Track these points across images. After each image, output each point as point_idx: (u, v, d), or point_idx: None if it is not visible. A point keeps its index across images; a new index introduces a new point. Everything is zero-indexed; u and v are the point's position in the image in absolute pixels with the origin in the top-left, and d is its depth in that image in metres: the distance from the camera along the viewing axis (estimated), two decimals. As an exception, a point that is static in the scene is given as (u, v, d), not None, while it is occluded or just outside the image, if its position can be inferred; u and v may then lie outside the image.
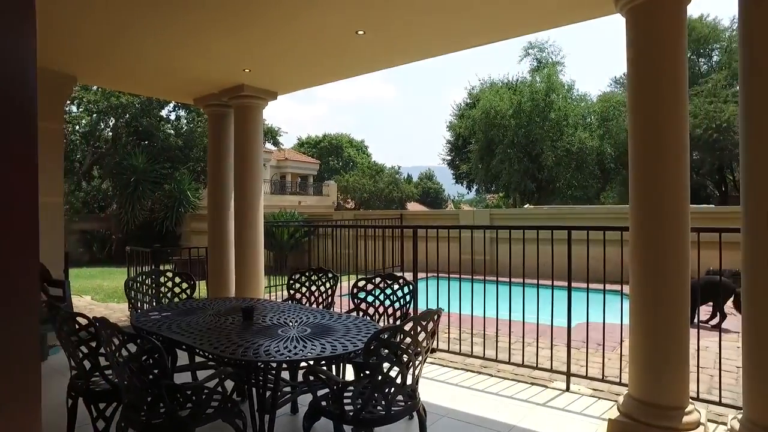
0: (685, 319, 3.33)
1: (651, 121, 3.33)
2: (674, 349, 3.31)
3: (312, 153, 50.03)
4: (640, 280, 3.41)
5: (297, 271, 4.49)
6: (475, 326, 6.36)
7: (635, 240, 3.45)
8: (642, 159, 3.39)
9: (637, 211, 3.44)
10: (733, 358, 5.09)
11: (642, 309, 3.41)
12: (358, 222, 13.40)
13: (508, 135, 22.63)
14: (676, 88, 3.28)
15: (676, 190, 3.29)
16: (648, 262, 3.36)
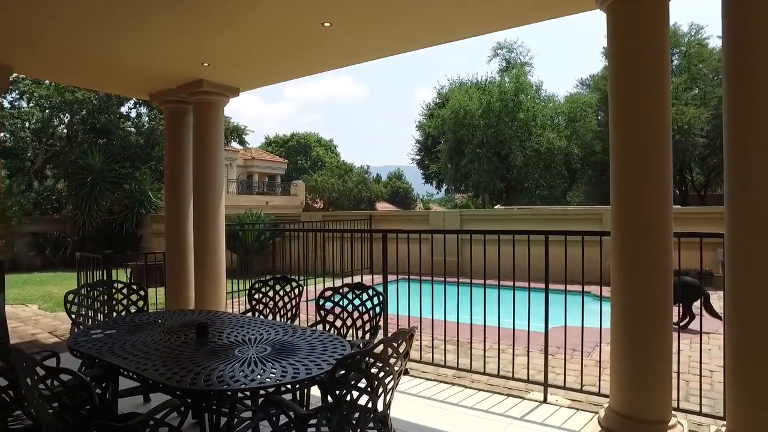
0: (669, 328, 3.20)
1: (633, 119, 3.17)
2: (657, 359, 3.17)
3: (280, 152, 49.25)
4: (622, 286, 3.26)
5: (259, 279, 4.18)
6: (448, 332, 6.16)
7: (617, 244, 3.29)
8: (624, 158, 3.23)
9: (618, 212, 3.28)
10: (705, 362, 5.04)
11: (623, 317, 3.25)
12: (327, 224, 13.08)
13: (478, 135, 22.67)
14: (659, 85, 3.14)
15: (659, 190, 3.15)
16: (630, 266, 3.21)
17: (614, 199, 3.29)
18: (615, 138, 3.29)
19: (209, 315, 3.68)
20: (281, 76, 5.68)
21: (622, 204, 3.26)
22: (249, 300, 4.04)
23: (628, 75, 3.21)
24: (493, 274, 4.34)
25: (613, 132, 3.30)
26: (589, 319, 4.21)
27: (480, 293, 4.64)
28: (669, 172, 3.18)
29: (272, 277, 4.14)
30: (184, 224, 6.08)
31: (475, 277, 4.68)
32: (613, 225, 3.33)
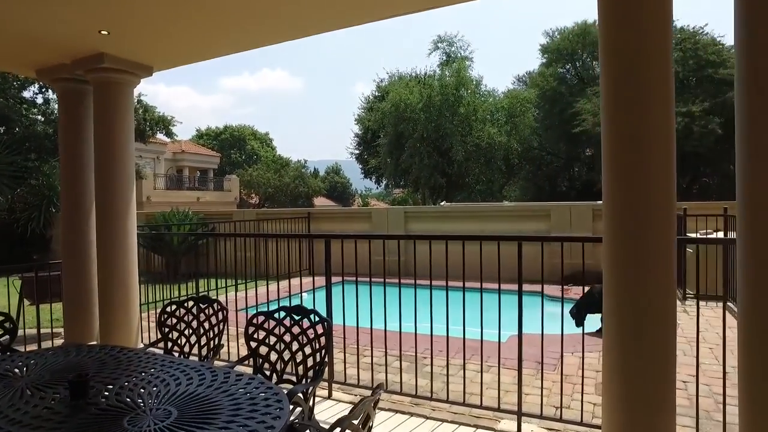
0: (673, 348, 2.72)
1: (633, 106, 2.66)
2: (661, 387, 2.68)
3: (212, 145, 46.91)
4: (619, 300, 2.74)
5: (172, 301, 3.34)
6: (396, 344, 5.56)
7: (613, 248, 2.77)
8: (620, 149, 2.71)
9: (614, 212, 2.76)
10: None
11: (621, 336, 2.74)
12: (261, 223, 12.12)
13: (418, 129, 22.29)
14: (662, 64, 2.63)
15: (663, 187, 2.65)
16: (630, 276, 2.70)
17: (613, 200, 2.76)
18: (612, 132, 2.76)
19: (100, 354, 2.82)
20: (203, 52, 4.79)
21: (623, 205, 2.73)
22: (159, 327, 3.20)
23: (625, 49, 2.69)
24: (452, 274, 3.76)
25: (609, 125, 2.77)
26: (551, 325, 3.75)
27: (439, 297, 4.04)
28: (673, 167, 2.68)
29: (189, 297, 3.32)
30: (85, 230, 5.06)
31: (433, 279, 4.04)
32: (607, 227, 2.81)
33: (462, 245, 3.75)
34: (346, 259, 4.16)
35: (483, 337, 4.32)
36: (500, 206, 11.24)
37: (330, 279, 4.35)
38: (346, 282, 4.24)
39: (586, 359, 5.32)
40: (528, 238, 3.75)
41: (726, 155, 20.01)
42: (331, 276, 4.34)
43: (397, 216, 11.28)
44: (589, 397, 4.16)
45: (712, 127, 18.05)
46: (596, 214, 9.46)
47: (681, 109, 18.58)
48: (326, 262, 4.30)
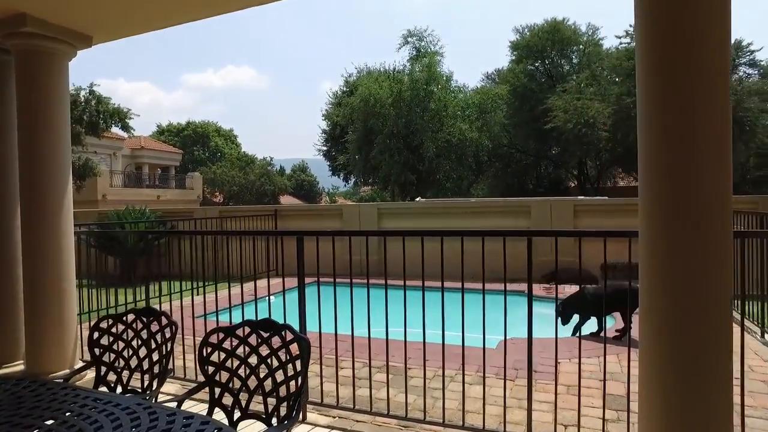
0: (729, 363, 2.24)
1: (684, 92, 2.16)
2: (718, 407, 2.21)
3: (174, 142, 45.20)
4: (664, 306, 2.26)
5: (107, 315, 2.67)
6: (376, 353, 5.00)
7: (654, 247, 2.28)
8: (667, 137, 2.21)
9: (660, 205, 2.26)
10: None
11: (668, 348, 2.25)
12: (225, 220, 11.34)
13: (388, 125, 21.76)
14: (721, 45, 2.15)
15: (718, 180, 2.17)
16: (677, 278, 2.21)
17: (660, 192, 2.26)
18: (651, 108, 2.26)
19: (17, 388, 2.13)
20: (145, 22, 4.10)
21: (674, 197, 2.23)
22: (90, 349, 2.54)
23: (671, 27, 2.18)
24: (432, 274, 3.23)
25: (647, 101, 2.28)
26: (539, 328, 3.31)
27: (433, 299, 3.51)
28: (729, 158, 2.20)
29: (130, 311, 2.66)
30: (8, 230, 4.28)
31: (416, 279, 3.48)
32: (647, 223, 2.32)
33: (461, 242, 3.22)
34: (317, 259, 3.57)
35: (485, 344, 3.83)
36: (479, 202, 10.83)
37: (303, 280, 3.75)
38: (321, 283, 3.65)
39: (583, 365, 4.91)
40: (538, 233, 3.21)
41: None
42: (304, 277, 3.75)
43: (369, 213, 10.70)
44: (599, 411, 3.71)
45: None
46: (577, 210, 9.13)
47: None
48: (299, 261, 3.70)
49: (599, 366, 4.62)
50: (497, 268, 3.18)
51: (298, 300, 3.75)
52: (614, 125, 19.91)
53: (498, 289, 3.24)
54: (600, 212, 9.14)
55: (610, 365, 4.64)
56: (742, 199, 8.51)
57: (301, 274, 3.74)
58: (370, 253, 3.41)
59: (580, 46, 25.83)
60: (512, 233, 3.16)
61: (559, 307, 5.85)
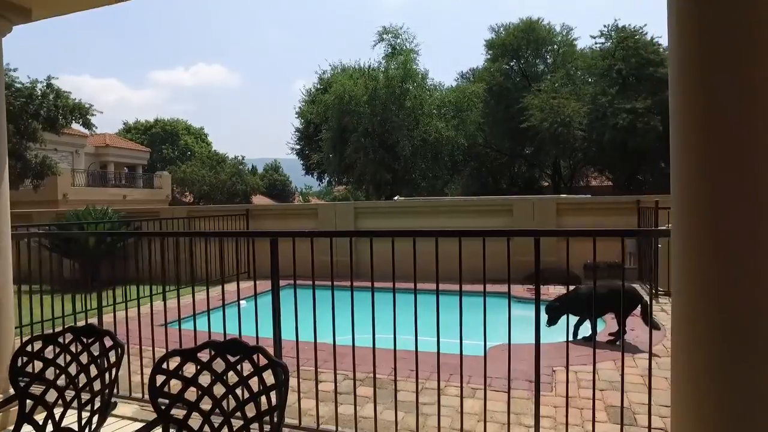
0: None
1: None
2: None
3: (142, 140, 43.70)
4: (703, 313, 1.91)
5: (37, 335, 2.19)
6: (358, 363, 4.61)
7: (694, 248, 1.93)
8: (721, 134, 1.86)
9: (701, 204, 1.92)
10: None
11: (714, 364, 1.90)
12: (194, 221, 10.73)
13: (363, 123, 21.34)
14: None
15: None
16: (725, 287, 1.86)
17: (700, 190, 1.91)
18: (705, 107, 1.91)
19: None
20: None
21: (720, 195, 1.87)
22: (11, 378, 2.05)
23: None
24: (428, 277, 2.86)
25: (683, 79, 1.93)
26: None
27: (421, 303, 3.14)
28: None
29: (66, 329, 2.19)
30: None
31: (404, 280, 3.09)
32: (685, 222, 1.97)
33: (458, 242, 2.84)
34: (293, 260, 3.15)
35: (473, 352, 3.51)
36: (460, 201, 10.53)
37: (278, 285, 3.32)
38: (297, 287, 3.24)
39: (579, 373, 4.61)
40: (546, 233, 2.87)
41: (664, 153, 20.50)
42: (279, 282, 3.32)
43: (346, 212, 10.28)
44: (605, 426, 3.39)
45: (654, 124, 18.33)
46: (560, 209, 8.90)
47: (626, 106, 18.76)
48: (272, 266, 3.27)
49: (597, 374, 4.32)
50: (475, 267, 2.86)
51: (272, 308, 3.32)
52: (590, 124, 19.97)
53: (494, 291, 2.91)
54: (583, 210, 8.94)
55: (608, 373, 4.36)
56: None
57: (275, 280, 3.31)
58: (345, 254, 3.02)
59: (554, 45, 25.93)
60: (492, 233, 2.82)
61: (551, 306, 5.57)
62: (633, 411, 3.73)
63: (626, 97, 19.16)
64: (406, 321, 3.05)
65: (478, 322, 3.01)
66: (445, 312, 3.02)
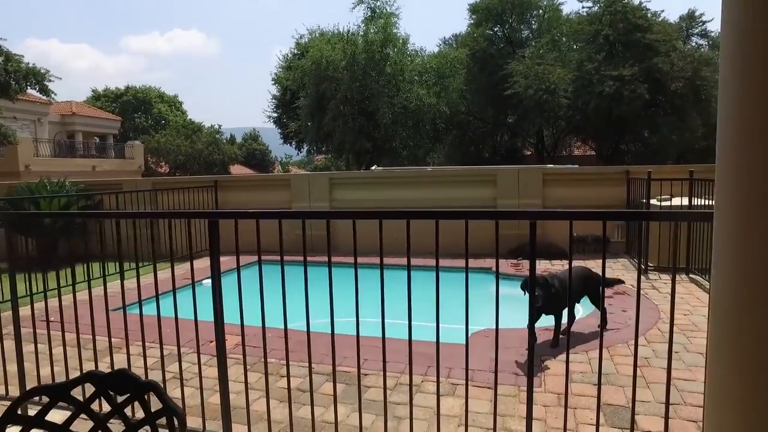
0: None
1: None
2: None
3: (113, 108, 41.93)
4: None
5: (43, 387, 1.56)
6: (323, 354, 4.13)
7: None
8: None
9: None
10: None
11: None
12: (158, 193, 10.06)
13: (342, 89, 20.49)
14: None
15: None
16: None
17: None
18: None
19: None
20: None
21: None
22: None
23: None
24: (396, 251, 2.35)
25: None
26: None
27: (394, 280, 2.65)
28: None
29: (86, 376, 1.55)
30: None
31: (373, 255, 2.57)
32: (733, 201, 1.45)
33: (435, 225, 2.32)
34: (266, 236, 2.61)
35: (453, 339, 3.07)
36: (441, 171, 9.98)
37: (218, 271, 2.80)
38: (265, 263, 2.69)
39: (570, 364, 4.14)
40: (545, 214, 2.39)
41: (648, 122, 20.08)
42: (219, 269, 2.79)
43: (320, 183, 9.69)
44: (604, 430, 2.98)
45: (640, 92, 17.83)
46: (546, 180, 8.43)
47: (612, 73, 18.21)
48: (211, 248, 2.73)
49: (590, 365, 3.90)
50: (457, 242, 2.36)
51: (213, 298, 2.79)
52: (575, 92, 19.42)
53: (475, 267, 2.41)
54: (571, 181, 8.50)
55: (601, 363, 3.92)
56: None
57: (215, 266, 2.78)
58: (320, 228, 2.49)
59: (540, 10, 25.11)
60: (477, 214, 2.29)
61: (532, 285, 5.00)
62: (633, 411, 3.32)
63: (613, 64, 18.58)
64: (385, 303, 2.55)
65: (456, 305, 2.52)
66: (422, 291, 2.55)
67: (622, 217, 2.36)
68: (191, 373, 3.82)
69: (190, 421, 3.06)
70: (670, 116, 19.60)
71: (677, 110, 19.70)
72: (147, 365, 3.16)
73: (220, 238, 2.75)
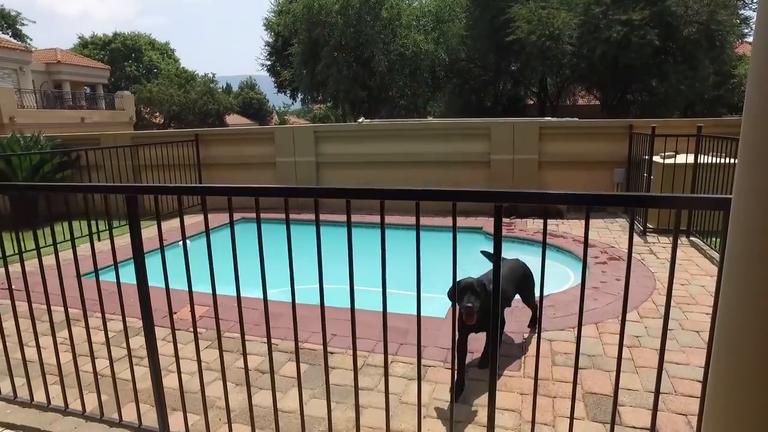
0: None
1: None
2: None
3: (101, 56, 40.49)
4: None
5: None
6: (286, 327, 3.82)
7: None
8: None
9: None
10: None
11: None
12: (138, 149, 9.62)
13: (335, 35, 19.49)
14: None
15: None
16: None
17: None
18: None
19: None
20: None
21: None
22: None
23: None
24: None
25: None
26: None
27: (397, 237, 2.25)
28: None
29: None
30: None
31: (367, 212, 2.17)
32: None
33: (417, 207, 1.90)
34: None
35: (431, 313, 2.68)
36: (431, 124, 9.42)
37: (141, 252, 2.39)
38: (246, 221, 2.30)
39: (555, 342, 3.78)
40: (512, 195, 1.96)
41: (657, 70, 19.13)
42: (142, 248, 2.40)
43: (305, 137, 9.18)
44: (581, 426, 2.66)
45: (650, 38, 16.81)
46: (543, 134, 7.91)
47: (621, 17, 17.14)
48: (131, 227, 2.32)
49: (575, 341, 3.54)
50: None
51: (137, 276, 2.41)
52: (580, 38, 18.39)
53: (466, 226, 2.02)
54: (569, 135, 7.97)
55: (589, 342, 3.57)
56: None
57: (137, 245, 2.38)
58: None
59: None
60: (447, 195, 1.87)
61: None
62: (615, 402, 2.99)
63: (622, 8, 17.45)
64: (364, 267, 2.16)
65: (444, 271, 2.09)
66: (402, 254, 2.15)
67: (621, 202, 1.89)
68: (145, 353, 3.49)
69: (128, 413, 2.76)
70: (680, 64, 18.63)
71: (688, 58, 18.71)
72: (109, 340, 2.82)
73: (138, 216, 2.34)
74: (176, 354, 2.49)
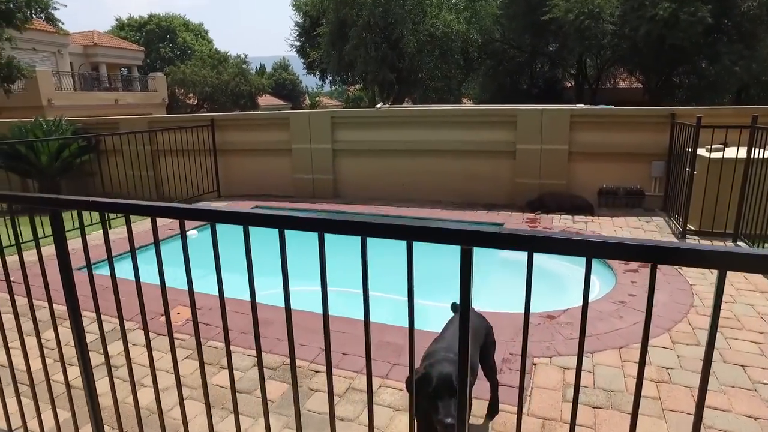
0: None
1: None
2: None
3: (137, 38, 41.03)
4: None
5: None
6: (277, 337, 3.48)
7: None
8: None
9: None
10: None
11: None
12: (153, 134, 9.48)
13: (363, 15, 18.89)
14: None
15: None
16: None
17: None
18: None
19: None
20: None
21: None
22: None
23: None
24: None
25: None
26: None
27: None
28: None
29: None
30: None
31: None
32: None
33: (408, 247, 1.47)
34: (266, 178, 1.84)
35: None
36: (452, 110, 8.85)
37: (69, 271, 2.05)
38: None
39: (567, 372, 3.31)
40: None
41: (708, 50, 17.76)
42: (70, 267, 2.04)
43: (322, 123, 8.77)
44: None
45: (701, 15, 15.49)
46: (574, 122, 7.27)
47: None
48: (57, 247, 1.97)
49: (593, 374, 3.07)
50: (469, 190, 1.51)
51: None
52: (622, 17, 17.20)
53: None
54: (603, 125, 7.29)
55: (607, 372, 3.08)
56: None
57: (64, 261, 2.03)
58: (323, 171, 1.71)
59: None
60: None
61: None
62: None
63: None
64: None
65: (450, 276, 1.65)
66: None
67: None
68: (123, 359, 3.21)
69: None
70: (735, 43, 17.19)
71: (745, 36, 17.26)
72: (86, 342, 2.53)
73: (64, 235, 1.99)
74: (110, 373, 2.15)
